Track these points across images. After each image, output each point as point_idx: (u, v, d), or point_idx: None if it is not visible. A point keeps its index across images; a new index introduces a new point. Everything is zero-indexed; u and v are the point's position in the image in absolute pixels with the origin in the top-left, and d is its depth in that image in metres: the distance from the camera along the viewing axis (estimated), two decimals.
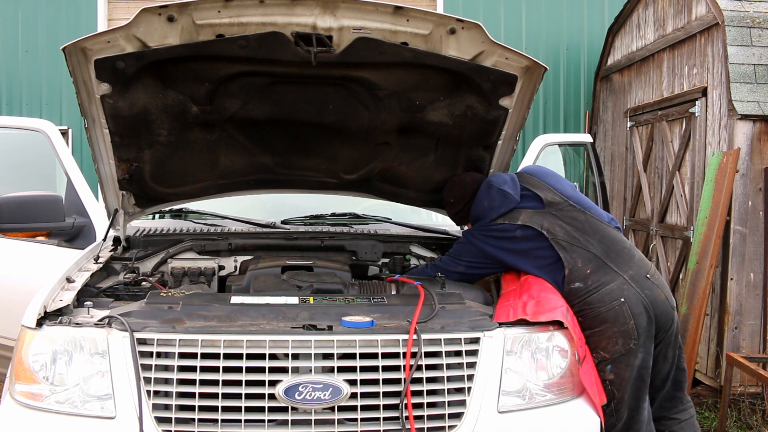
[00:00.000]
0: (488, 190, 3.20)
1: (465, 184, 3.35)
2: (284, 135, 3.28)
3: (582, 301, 2.95)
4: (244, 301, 2.62)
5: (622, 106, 6.91)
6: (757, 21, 5.05)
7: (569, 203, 3.12)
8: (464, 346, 2.45)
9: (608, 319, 2.92)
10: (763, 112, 4.83)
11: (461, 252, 3.23)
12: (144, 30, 2.56)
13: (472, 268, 3.20)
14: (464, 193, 3.33)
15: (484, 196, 3.21)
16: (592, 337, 2.92)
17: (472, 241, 3.19)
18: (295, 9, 2.54)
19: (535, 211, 3.09)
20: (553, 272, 3.01)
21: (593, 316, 2.93)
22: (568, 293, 2.96)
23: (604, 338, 2.92)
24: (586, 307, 2.94)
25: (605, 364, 2.92)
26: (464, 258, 3.21)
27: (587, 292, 2.95)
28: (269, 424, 2.30)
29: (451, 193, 3.38)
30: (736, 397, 4.79)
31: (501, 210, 3.13)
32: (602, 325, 2.92)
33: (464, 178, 3.38)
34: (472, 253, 3.19)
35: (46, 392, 2.37)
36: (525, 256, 3.06)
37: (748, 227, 4.92)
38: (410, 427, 2.32)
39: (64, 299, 2.59)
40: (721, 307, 4.99)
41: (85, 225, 4.12)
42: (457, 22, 2.65)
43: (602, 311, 2.92)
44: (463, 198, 3.33)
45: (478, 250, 3.17)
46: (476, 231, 3.21)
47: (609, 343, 2.92)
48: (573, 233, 3.03)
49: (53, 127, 4.36)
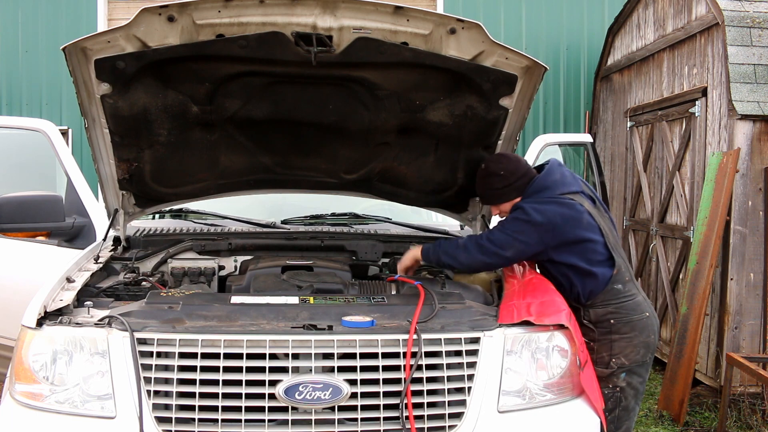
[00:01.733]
0: (559, 167, 3.13)
1: (519, 159, 3.14)
2: (284, 135, 3.28)
3: (619, 303, 3.02)
4: (245, 301, 2.62)
5: (622, 106, 6.91)
6: (757, 21, 5.05)
7: (609, 216, 3.20)
8: (464, 345, 2.45)
9: (638, 327, 3.02)
10: (763, 112, 4.83)
11: (514, 230, 2.95)
12: (144, 30, 2.57)
13: (520, 253, 2.97)
14: (519, 167, 3.09)
15: (555, 171, 3.09)
16: (620, 341, 3.01)
17: (532, 213, 2.92)
18: (295, 9, 2.54)
19: (592, 206, 3.09)
20: (602, 269, 3.01)
21: (626, 321, 3.02)
22: (608, 291, 3.02)
23: (630, 345, 3.01)
24: (621, 311, 3.02)
25: (622, 371, 3.01)
26: (518, 237, 2.93)
27: (624, 297, 3.03)
28: (269, 423, 2.30)
29: (501, 165, 3.11)
30: (736, 397, 4.79)
31: (572, 188, 3.04)
32: (632, 332, 3.01)
33: (516, 156, 3.18)
34: (526, 233, 2.93)
35: (47, 392, 2.37)
36: (581, 244, 2.97)
37: (748, 227, 4.92)
38: (410, 427, 2.32)
39: (64, 299, 2.59)
40: (721, 307, 4.99)
41: (85, 225, 4.12)
42: (457, 22, 2.65)
43: (634, 319, 3.02)
44: (516, 172, 3.07)
45: (535, 224, 2.90)
46: (542, 199, 2.98)
47: (633, 351, 3.01)
48: (613, 240, 3.09)
49: (53, 127, 4.37)
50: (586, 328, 3.04)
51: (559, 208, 2.96)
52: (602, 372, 3.01)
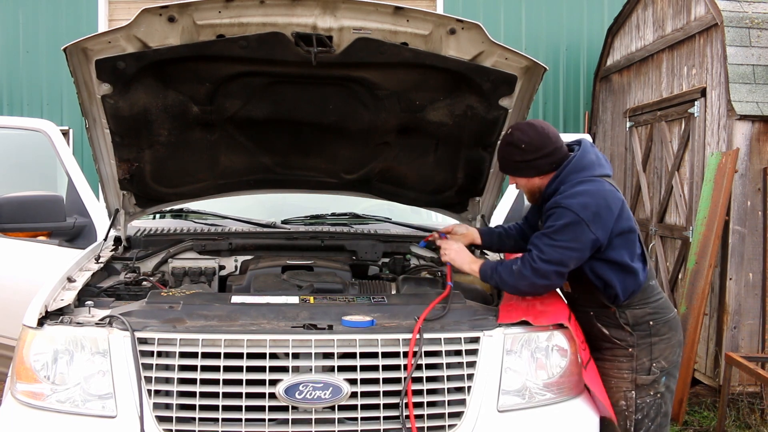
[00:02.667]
0: (592, 148, 2.81)
1: (548, 134, 2.73)
2: (284, 135, 3.29)
3: (656, 302, 2.80)
4: (245, 301, 2.63)
5: (621, 106, 6.92)
6: (756, 21, 5.06)
7: None
8: (464, 345, 2.46)
9: (674, 326, 2.82)
10: (761, 112, 4.84)
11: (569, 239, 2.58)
12: (145, 30, 2.57)
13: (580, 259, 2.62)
14: (545, 143, 2.71)
15: (590, 150, 2.77)
16: (660, 344, 2.77)
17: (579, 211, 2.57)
18: (296, 9, 2.55)
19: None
20: (640, 264, 2.75)
21: (664, 321, 2.79)
22: (646, 288, 2.78)
23: (669, 347, 2.80)
24: (659, 311, 2.80)
25: (662, 375, 2.78)
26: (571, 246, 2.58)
27: (658, 295, 2.82)
28: (270, 423, 2.30)
29: (526, 136, 2.72)
30: (734, 396, 4.80)
31: (608, 171, 2.75)
32: (670, 332, 2.80)
33: (545, 127, 2.77)
34: (579, 237, 2.58)
35: (48, 391, 2.38)
36: (627, 235, 2.70)
37: (747, 227, 4.93)
38: (410, 425, 2.32)
39: (65, 299, 2.60)
40: (720, 306, 5.00)
41: (86, 225, 4.13)
42: (456, 22, 2.66)
43: (670, 318, 2.82)
44: (540, 149, 2.71)
45: (586, 223, 2.56)
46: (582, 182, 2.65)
47: (672, 352, 2.81)
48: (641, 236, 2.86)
49: (54, 128, 4.38)
50: (621, 332, 2.78)
51: (599, 190, 2.63)
52: (645, 380, 2.77)
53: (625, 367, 2.79)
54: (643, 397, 2.77)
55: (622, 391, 2.78)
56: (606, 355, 2.82)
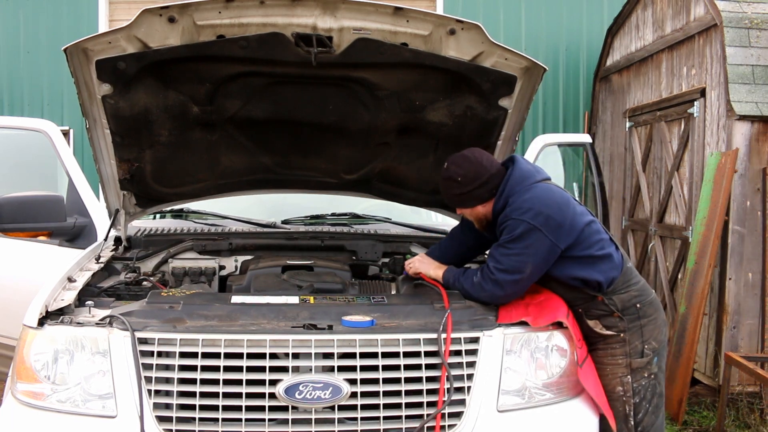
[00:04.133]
0: (525, 160, 2.89)
1: (481, 162, 2.81)
2: (284, 135, 3.30)
3: (638, 284, 2.84)
4: (245, 301, 2.63)
5: (621, 106, 6.92)
6: (755, 22, 5.06)
7: None
8: (464, 345, 2.47)
9: (657, 307, 2.87)
10: (761, 112, 4.85)
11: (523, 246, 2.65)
12: (145, 31, 2.58)
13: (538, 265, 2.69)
14: (479, 172, 2.79)
15: (522, 161, 2.86)
16: (649, 325, 2.82)
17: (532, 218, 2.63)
18: (296, 10, 2.56)
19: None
20: (611, 248, 2.80)
21: (649, 301, 2.83)
22: (626, 272, 2.81)
23: (657, 327, 2.84)
24: (643, 293, 2.84)
25: (654, 355, 2.82)
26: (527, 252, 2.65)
27: (638, 277, 2.87)
28: (270, 423, 2.31)
29: (461, 169, 2.80)
30: (734, 396, 4.80)
31: (544, 175, 2.80)
32: (655, 312, 2.85)
33: (479, 156, 2.83)
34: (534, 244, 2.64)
35: (48, 391, 2.38)
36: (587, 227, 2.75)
37: (747, 227, 4.93)
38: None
39: (65, 299, 2.60)
40: (719, 306, 5.01)
41: (87, 225, 4.13)
42: (456, 22, 2.66)
43: (653, 298, 2.87)
44: (476, 179, 2.78)
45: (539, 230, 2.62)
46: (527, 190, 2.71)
47: (659, 332, 2.85)
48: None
49: (54, 128, 4.38)
50: (611, 319, 2.80)
51: (545, 193, 2.71)
52: (639, 362, 2.79)
53: (619, 353, 2.81)
54: (638, 380, 2.80)
55: (618, 377, 2.80)
56: (599, 345, 2.84)
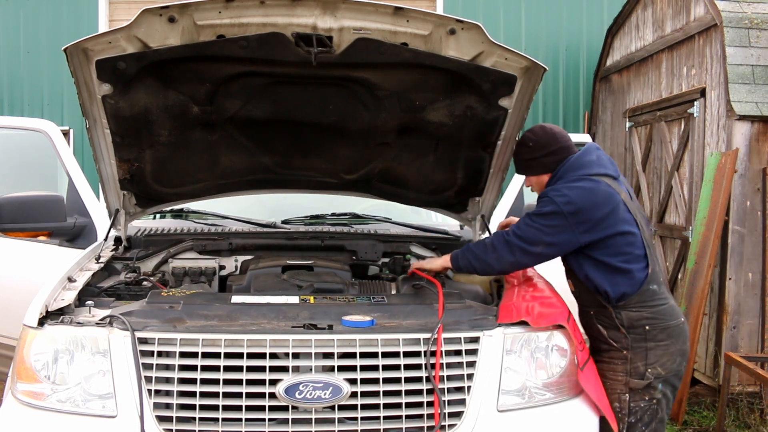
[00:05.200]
0: (597, 150, 2.91)
1: (555, 135, 2.90)
2: (284, 135, 3.29)
3: (656, 307, 2.77)
4: (245, 301, 2.63)
5: (621, 106, 6.92)
6: (755, 22, 5.06)
7: (644, 213, 2.98)
8: (464, 345, 2.47)
9: (674, 334, 2.78)
10: (761, 112, 4.85)
11: (543, 223, 2.71)
12: (145, 31, 2.57)
13: (550, 247, 2.74)
14: (550, 141, 2.88)
15: (592, 152, 2.87)
16: (656, 350, 2.75)
17: (561, 204, 2.68)
18: (296, 10, 2.55)
19: (629, 198, 2.85)
20: (638, 266, 2.75)
21: (663, 327, 2.76)
22: (644, 292, 2.75)
23: (667, 354, 2.77)
24: (658, 317, 2.76)
25: (659, 381, 2.76)
26: (545, 230, 2.70)
27: (661, 300, 2.79)
28: (270, 423, 2.31)
29: (533, 136, 2.92)
30: (734, 396, 4.80)
31: (609, 171, 2.81)
32: (668, 339, 2.77)
33: (557, 130, 2.94)
34: (555, 226, 2.70)
35: (48, 391, 2.38)
36: (616, 237, 2.72)
37: (747, 227, 4.93)
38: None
39: (65, 299, 2.60)
40: (719, 306, 5.01)
41: (87, 225, 4.13)
42: (456, 22, 2.66)
43: (671, 325, 2.78)
44: (547, 146, 2.87)
45: (564, 214, 2.67)
46: (574, 179, 2.75)
47: (669, 360, 2.77)
48: (648, 236, 2.85)
49: (54, 128, 4.38)
50: (617, 333, 2.79)
51: (591, 189, 2.70)
52: (638, 384, 2.75)
53: (619, 370, 2.79)
54: (637, 401, 2.76)
55: (617, 393, 2.77)
56: (604, 357, 2.83)
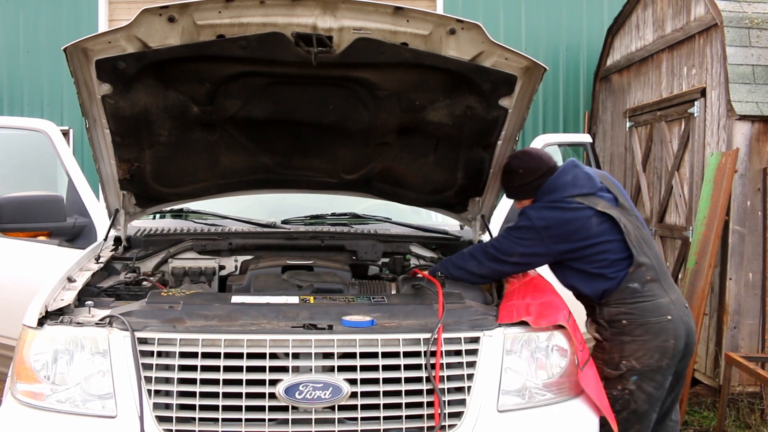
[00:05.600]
0: (573, 168, 3.08)
1: (541, 157, 3.13)
2: (284, 135, 3.29)
3: (634, 304, 2.92)
4: (245, 301, 2.63)
5: (621, 106, 6.92)
6: (755, 22, 5.06)
7: (635, 213, 3.12)
8: (464, 345, 2.46)
9: (653, 331, 2.90)
10: (761, 112, 4.84)
11: (518, 236, 2.96)
12: (145, 30, 2.57)
13: (526, 258, 2.98)
14: (539, 165, 3.08)
15: (568, 172, 3.05)
16: (632, 344, 2.91)
17: (535, 220, 2.93)
18: (296, 9, 2.55)
19: (612, 205, 3.02)
20: (615, 269, 2.93)
21: (640, 323, 2.91)
22: (623, 290, 2.93)
23: (643, 349, 2.90)
24: (636, 312, 2.92)
25: (632, 374, 2.90)
26: (521, 243, 2.95)
27: (642, 297, 2.93)
28: (270, 423, 2.30)
29: (523, 163, 3.12)
30: (734, 396, 4.80)
31: (583, 189, 2.98)
32: (645, 335, 2.90)
33: (540, 152, 3.17)
34: (529, 239, 2.94)
35: (48, 391, 2.38)
36: (588, 249, 2.92)
37: (747, 227, 4.93)
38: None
39: (65, 299, 2.60)
40: (720, 306, 5.00)
41: (86, 225, 4.13)
42: (456, 22, 2.66)
43: (651, 321, 2.91)
44: (536, 171, 3.07)
45: (538, 231, 2.92)
46: (547, 203, 2.98)
47: (645, 354, 2.90)
48: (640, 238, 3.00)
49: (54, 128, 4.37)
50: (600, 327, 3.00)
51: (563, 213, 2.94)
52: (611, 373, 2.93)
53: (599, 359, 2.97)
54: (609, 389, 2.87)
55: None
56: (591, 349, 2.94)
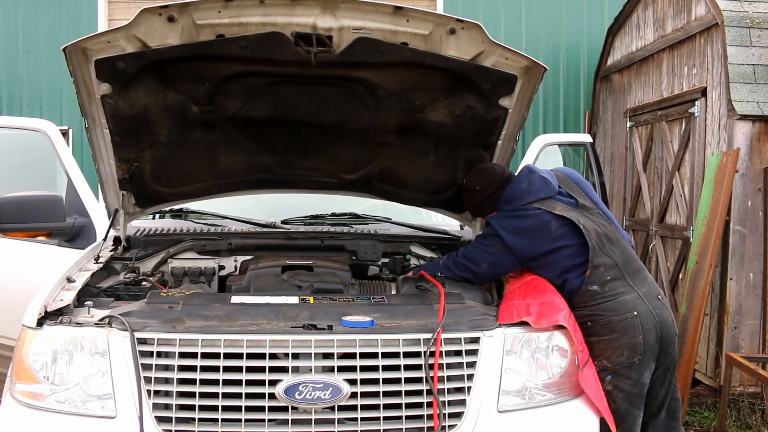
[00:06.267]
0: (529, 174, 3.11)
1: (494, 170, 3.21)
2: (284, 135, 3.29)
3: (596, 305, 2.92)
4: (245, 301, 2.63)
5: (621, 106, 6.92)
6: (756, 21, 5.05)
7: (598, 210, 3.11)
8: (464, 345, 2.46)
9: (618, 329, 2.89)
10: (762, 112, 4.84)
11: (485, 245, 3.04)
12: (144, 30, 2.57)
13: (494, 266, 3.05)
14: (493, 178, 3.17)
15: (524, 179, 3.09)
16: (599, 344, 2.89)
17: (498, 229, 3.00)
18: (295, 9, 2.55)
19: (570, 207, 3.04)
20: (574, 273, 2.95)
21: (604, 323, 2.90)
22: (583, 293, 2.93)
23: (611, 348, 2.89)
24: (599, 313, 2.91)
25: (606, 374, 2.88)
26: (487, 251, 3.02)
27: (603, 298, 2.92)
28: (269, 423, 2.30)
29: (478, 180, 3.22)
30: (735, 396, 4.79)
31: (540, 195, 3.03)
32: (611, 334, 2.89)
33: (492, 166, 3.25)
34: (495, 246, 3.01)
35: (47, 392, 2.38)
36: (550, 254, 2.96)
37: (748, 227, 4.92)
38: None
39: (64, 299, 2.59)
40: (720, 306, 5.00)
41: (86, 225, 4.12)
42: (456, 22, 2.66)
43: (614, 320, 2.89)
44: (492, 184, 3.16)
45: (503, 239, 2.98)
46: (507, 213, 3.05)
47: (614, 353, 2.88)
48: (602, 237, 2.99)
49: (54, 127, 4.37)
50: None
51: (522, 221, 2.99)
52: None
53: None
54: None
55: None
56: None
